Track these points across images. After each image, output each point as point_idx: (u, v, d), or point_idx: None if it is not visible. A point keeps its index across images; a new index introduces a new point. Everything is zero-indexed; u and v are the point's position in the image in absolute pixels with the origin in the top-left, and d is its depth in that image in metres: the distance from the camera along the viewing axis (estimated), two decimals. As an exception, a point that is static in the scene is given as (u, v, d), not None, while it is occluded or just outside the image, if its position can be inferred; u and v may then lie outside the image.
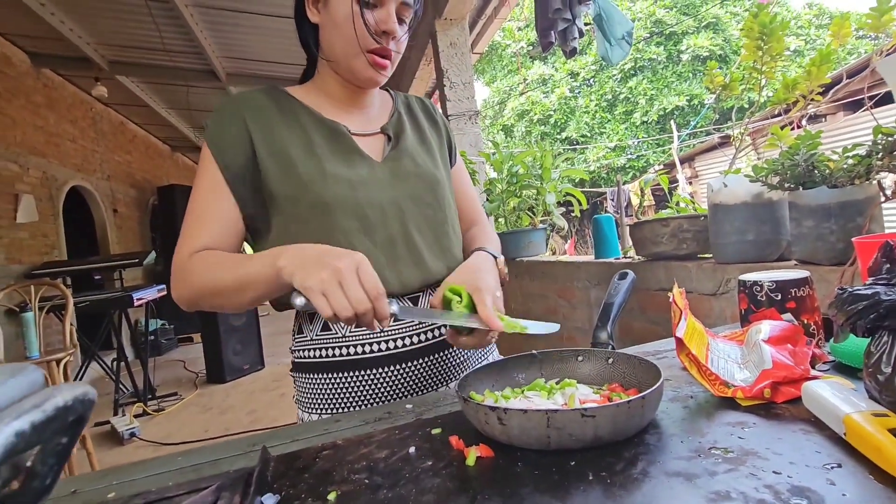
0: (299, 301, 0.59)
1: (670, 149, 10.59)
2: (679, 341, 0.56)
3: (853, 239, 0.68)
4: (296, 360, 0.80)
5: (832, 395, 0.44)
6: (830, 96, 1.50)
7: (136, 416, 3.53)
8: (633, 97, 14.22)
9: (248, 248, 0.81)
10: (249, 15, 4.11)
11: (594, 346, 0.71)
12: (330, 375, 0.76)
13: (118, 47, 4.83)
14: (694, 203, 1.74)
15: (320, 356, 0.76)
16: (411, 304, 0.78)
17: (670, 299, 0.61)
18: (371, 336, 0.75)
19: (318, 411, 0.77)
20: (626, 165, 14.10)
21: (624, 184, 10.10)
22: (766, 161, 1.11)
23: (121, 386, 3.97)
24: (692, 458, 0.41)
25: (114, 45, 4.79)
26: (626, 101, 14.40)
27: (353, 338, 0.75)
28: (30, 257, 4.44)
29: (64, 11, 4.10)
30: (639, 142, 13.91)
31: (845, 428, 0.40)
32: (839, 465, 0.37)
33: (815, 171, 1.02)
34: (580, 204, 2.68)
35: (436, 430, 0.54)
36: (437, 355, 0.79)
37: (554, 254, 3.06)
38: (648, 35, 14.22)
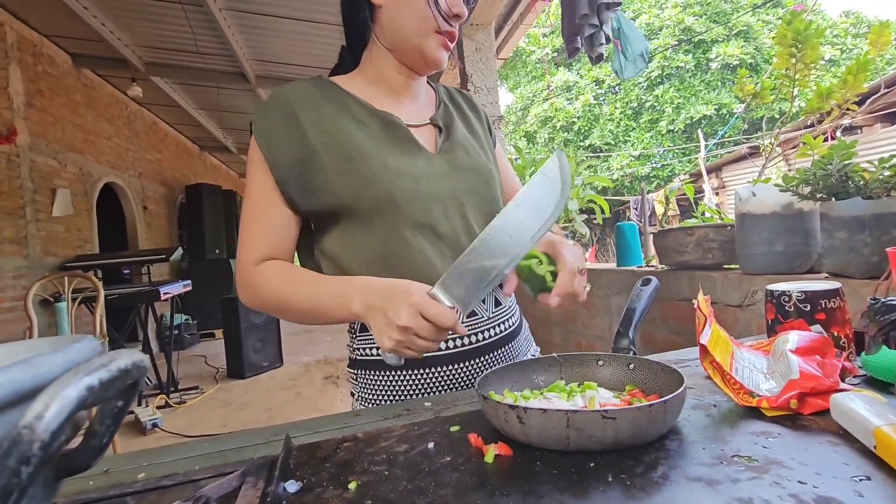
0: (391, 359, 0.61)
1: (696, 158, 10.40)
2: (703, 348, 0.55)
3: (888, 250, 0.66)
4: (356, 358, 0.80)
5: (862, 408, 0.43)
6: (867, 106, 1.47)
7: (158, 408, 3.63)
8: (659, 105, 14.03)
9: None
10: (279, 19, 4.21)
11: (615, 352, 0.70)
12: (393, 373, 0.75)
13: (154, 49, 5.00)
14: (720, 213, 1.71)
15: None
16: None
17: (695, 305, 0.60)
18: (475, 326, 0.76)
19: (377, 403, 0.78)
20: (651, 174, 13.90)
21: (648, 192, 9.95)
22: (798, 171, 1.08)
23: (145, 377, 4.08)
24: (714, 464, 0.41)
25: (150, 46, 4.96)
26: (651, 109, 14.21)
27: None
28: (64, 250, 4.61)
29: (105, 14, 4.26)
30: (664, 150, 13.70)
31: (875, 441, 0.39)
32: (868, 478, 0.37)
33: (849, 182, 1.00)
34: (602, 212, 2.65)
35: (454, 428, 0.54)
36: (497, 352, 0.79)
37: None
38: (676, 42, 14.02)
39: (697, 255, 1.48)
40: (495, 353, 0.79)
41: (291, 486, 0.44)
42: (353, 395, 0.83)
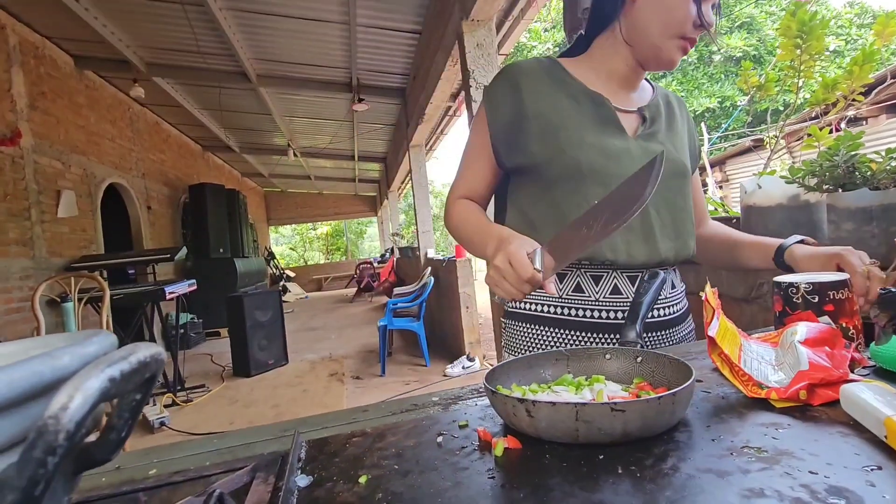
0: (497, 299, 0.71)
1: (700, 151, 10.33)
2: (711, 340, 0.55)
3: (896, 241, 0.65)
4: (509, 309, 0.91)
5: (873, 398, 0.42)
6: (872, 97, 1.45)
7: (166, 406, 3.65)
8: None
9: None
10: (280, 18, 4.20)
11: (622, 346, 0.70)
12: (538, 328, 0.85)
13: (155, 50, 5.01)
14: (725, 206, 1.70)
15: (535, 310, 0.86)
16: (628, 281, 0.82)
17: (703, 298, 0.60)
18: (586, 303, 0.82)
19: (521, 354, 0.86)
20: (654, 168, 13.81)
21: (651, 187, 9.89)
22: (804, 162, 1.08)
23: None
24: (724, 456, 0.41)
25: (151, 47, 4.97)
26: (654, 102, 14.12)
27: (569, 300, 0.83)
28: (69, 251, 4.64)
29: (106, 15, 4.27)
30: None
31: (886, 430, 0.39)
32: (879, 468, 0.36)
33: (856, 173, 0.99)
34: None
35: (463, 422, 0.55)
36: (650, 334, 0.84)
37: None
38: (679, 36, 13.91)
39: (702, 249, 1.48)
40: (649, 335, 0.84)
41: (302, 481, 0.44)
42: (502, 345, 0.93)
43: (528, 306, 0.87)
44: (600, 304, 0.81)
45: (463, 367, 4.14)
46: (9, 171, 3.94)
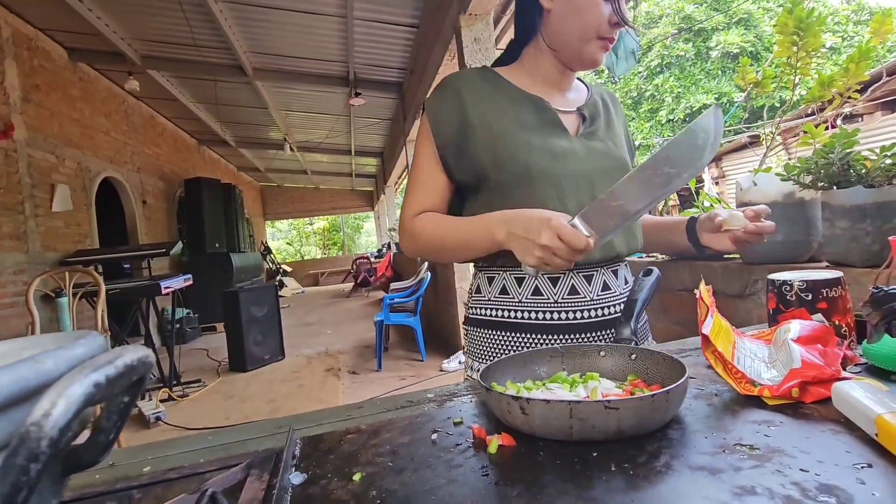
0: (531, 271, 0.71)
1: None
2: (705, 338, 0.55)
3: (891, 238, 0.66)
4: (470, 316, 0.91)
5: (864, 396, 0.43)
6: (868, 94, 1.46)
7: (161, 401, 3.65)
8: (659, 95, 13.95)
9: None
10: (277, 11, 4.17)
11: (617, 343, 0.70)
12: (499, 333, 0.85)
13: (150, 42, 4.97)
14: (721, 202, 1.70)
15: (495, 315, 0.86)
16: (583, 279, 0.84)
17: (697, 295, 0.60)
18: (544, 305, 0.83)
19: (487, 362, 0.85)
20: (651, 164, 13.83)
21: (647, 183, 9.90)
22: (799, 159, 1.08)
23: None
24: (716, 453, 0.41)
25: (146, 40, 4.92)
26: (651, 98, 14.13)
27: (529, 304, 0.83)
28: (64, 245, 4.61)
29: (100, 7, 4.23)
30: (664, 140, 13.64)
31: (877, 429, 0.39)
32: (870, 465, 0.37)
33: (851, 171, 0.99)
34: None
35: (457, 420, 0.55)
36: (600, 332, 0.84)
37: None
38: (676, 31, 13.90)
39: (698, 246, 1.48)
40: (599, 333, 0.84)
41: (296, 478, 0.44)
42: (464, 350, 0.94)
43: (489, 312, 0.87)
44: (559, 305, 0.82)
45: (459, 362, 4.15)
46: (2, 164, 3.90)
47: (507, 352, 0.84)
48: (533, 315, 0.83)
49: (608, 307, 0.84)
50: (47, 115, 4.53)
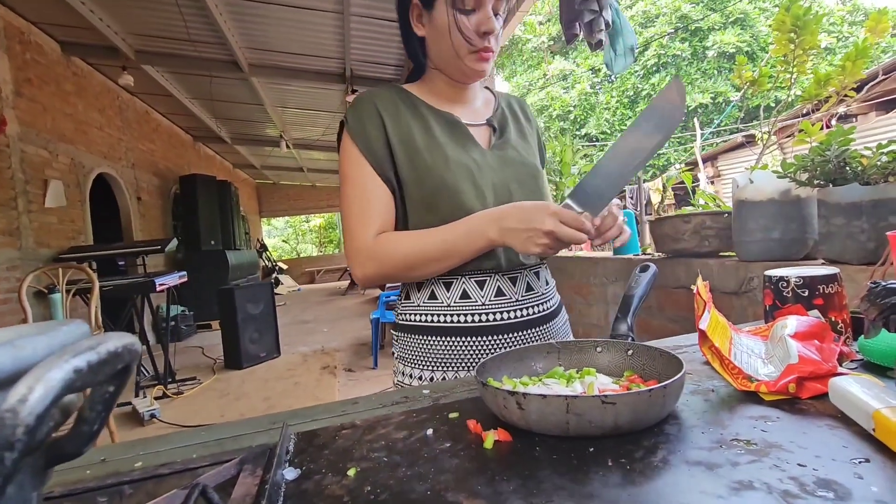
0: (532, 260, 0.79)
1: (692, 147, 10.39)
2: (702, 334, 0.55)
3: (888, 234, 0.66)
4: (400, 322, 0.91)
5: (861, 391, 0.43)
6: (863, 94, 1.46)
7: (156, 399, 3.63)
8: (655, 94, 13.96)
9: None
10: (273, 6, 4.14)
11: (613, 339, 0.70)
12: (429, 338, 0.86)
13: (145, 37, 4.92)
14: (717, 199, 1.70)
15: (424, 321, 0.86)
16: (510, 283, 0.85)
17: (694, 291, 0.60)
18: (472, 308, 0.84)
19: (417, 367, 0.87)
20: (647, 163, 13.88)
21: (644, 181, 9.95)
22: (796, 157, 1.08)
23: (142, 369, 4.08)
24: (713, 448, 0.41)
25: (140, 34, 4.88)
26: (648, 97, 14.14)
27: (457, 308, 0.84)
28: (58, 241, 4.57)
29: (94, 1, 4.18)
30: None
31: (874, 423, 0.39)
32: (867, 460, 0.37)
33: (847, 168, 1.00)
34: (599, 200, 2.65)
35: (453, 415, 0.54)
36: (532, 330, 0.86)
37: (570, 249, 3.04)
38: (673, 31, 13.92)
39: (694, 243, 1.49)
40: (524, 333, 0.86)
41: (290, 474, 0.44)
42: (394, 354, 0.93)
43: (419, 318, 0.87)
44: (486, 307, 0.84)
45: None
46: (-6, 159, 3.86)
47: (436, 356, 0.85)
48: (461, 318, 0.84)
49: (532, 307, 0.87)
50: (40, 109, 4.49)
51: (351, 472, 0.43)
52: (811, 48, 1.42)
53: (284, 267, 14.11)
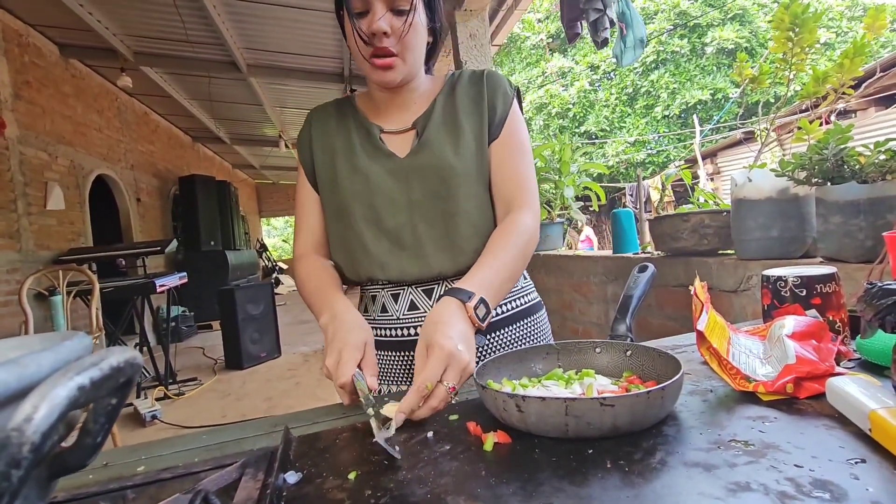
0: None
1: (692, 144, 10.39)
2: (700, 334, 0.55)
3: (884, 234, 0.66)
4: None
5: (858, 391, 0.43)
6: (862, 90, 1.46)
7: (157, 400, 3.63)
8: (654, 91, 13.95)
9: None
10: (271, 6, 4.13)
11: (612, 339, 0.70)
12: (384, 352, 0.85)
13: (143, 38, 4.91)
14: (716, 198, 1.71)
15: (381, 335, 0.85)
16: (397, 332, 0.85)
17: (692, 292, 0.60)
18: (389, 322, 0.85)
19: (385, 382, 0.86)
20: (646, 160, 13.87)
21: (643, 179, 9.94)
22: (794, 155, 1.08)
23: (143, 370, 4.09)
24: (711, 449, 0.41)
25: (139, 36, 4.87)
26: (647, 94, 14.13)
27: (406, 321, 0.84)
28: (57, 244, 4.57)
29: (92, 2, 4.18)
30: (659, 136, 13.67)
31: (871, 424, 0.39)
32: (863, 461, 0.37)
33: (845, 167, 1.00)
34: (598, 198, 2.65)
35: (453, 417, 0.55)
36: (512, 326, 0.86)
37: (570, 248, 3.05)
38: (672, 27, 13.89)
39: (693, 242, 1.49)
40: (511, 328, 0.86)
41: (291, 477, 0.44)
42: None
43: (376, 332, 0.86)
44: (401, 321, 0.83)
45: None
46: (-7, 162, 3.86)
47: (397, 371, 0.85)
48: (412, 331, 0.83)
49: (513, 301, 0.87)
50: (39, 112, 4.48)
51: (352, 476, 0.43)
52: (809, 46, 1.42)
53: (284, 267, 14.10)
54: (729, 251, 1.47)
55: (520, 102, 0.89)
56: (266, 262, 12.64)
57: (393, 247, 0.82)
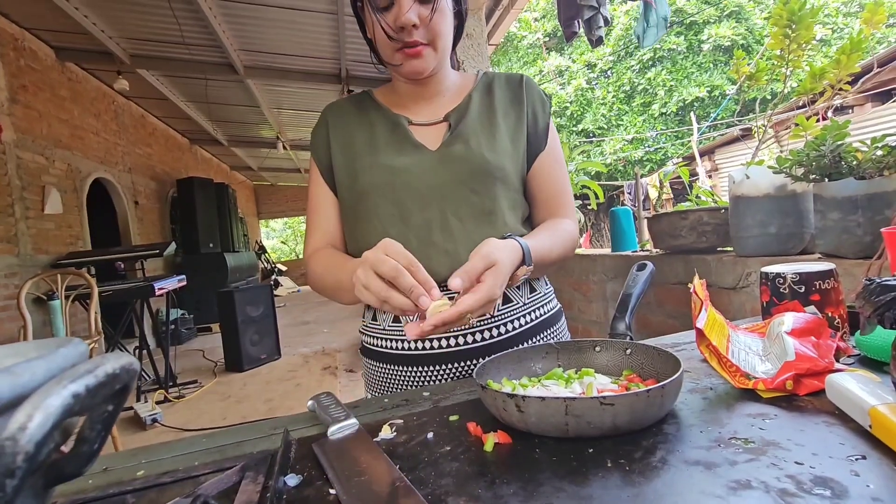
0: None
1: (689, 141, 10.39)
2: (699, 332, 0.55)
3: (882, 230, 0.66)
4: (367, 346, 0.87)
5: (857, 388, 0.43)
6: (859, 86, 1.46)
7: (157, 403, 3.63)
8: (651, 88, 13.96)
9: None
10: (267, 8, 4.13)
11: (612, 338, 0.70)
12: (396, 367, 0.81)
13: (139, 41, 4.91)
14: (714, 195, 1.71)
15: (390, 347, 0.81)
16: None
17: (691, 290, 0.60)
18: (441, 335, 0.77)
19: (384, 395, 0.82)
20: (644, 158, 13.87)
21: (641, 177, 9.94)
22: (791, 152, 1.08)
23: (143, 373, 4.08)
24: (712, 447, 0.41)
25: (135, 38, 4.86)
26: (644, 92, 14.14)
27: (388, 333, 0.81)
28: (56, 247, 4.56)
29: (87, 6, 4.17)
30: (657, 134, 13.68)
31: (871, 420, 0.39)
32: (864, 457, 0.37)
33: (842, 163, 1.00)
34: (597, 197, 2.65)
35: (453, 417, 0.55)
36: (537, 337, 0.82)
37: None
38: (668, 24, 13.90)
39: (692, 239, 1.49)
40: (536, 339, 0.81)
41: (291, 480, 0.44)
42: (364, 379, 0.90)
43: (384, 344, 0.83)
44: (449, 332, 0.77)
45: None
46: (-10, 166, 3.85)
47: (404, 387, 0.81)
48: (426, 344, 0.78)
49: (502, 325, 0.79)
50: (36, 115, 4.47)
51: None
52: (806, 42, 1.42)
53: (283, 268, 14.10)
54: (728, 248, 1.47)
55: None
56: (265, 263, 12.64)
57: (421, 244, 0.76)
